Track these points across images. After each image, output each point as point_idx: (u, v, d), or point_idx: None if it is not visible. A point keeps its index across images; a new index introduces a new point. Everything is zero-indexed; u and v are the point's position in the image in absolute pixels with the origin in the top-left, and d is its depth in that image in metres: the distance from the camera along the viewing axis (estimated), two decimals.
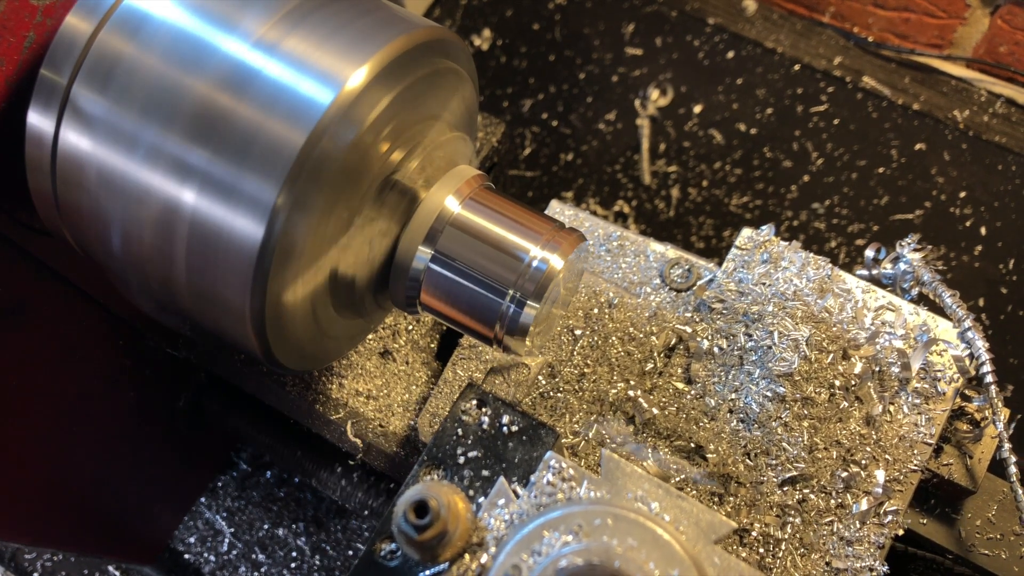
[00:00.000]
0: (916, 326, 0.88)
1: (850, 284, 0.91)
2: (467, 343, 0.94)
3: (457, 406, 0.76)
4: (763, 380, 0.86)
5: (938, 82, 1.54)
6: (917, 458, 0.84)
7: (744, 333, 0.89)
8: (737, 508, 0.84)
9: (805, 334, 0.86)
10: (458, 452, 0.75)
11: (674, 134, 1.58)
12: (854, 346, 0.87)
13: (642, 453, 0.86)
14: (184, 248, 0.72)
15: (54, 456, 1.06)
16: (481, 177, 0.82)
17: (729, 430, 0.86)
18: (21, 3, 0.76)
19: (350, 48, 0.71)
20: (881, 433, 0.85)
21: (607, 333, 0.93)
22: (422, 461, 0.75)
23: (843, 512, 0.83)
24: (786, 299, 0.89)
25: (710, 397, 0.88)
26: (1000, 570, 0.88)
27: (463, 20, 1.72)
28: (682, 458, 0.86)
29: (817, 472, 0.84)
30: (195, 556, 1.36)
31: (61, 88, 0.73)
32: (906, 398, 0.86)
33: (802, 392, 0.85)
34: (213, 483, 1.40)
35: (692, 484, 0.85)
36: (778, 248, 0.93)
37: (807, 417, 0.85)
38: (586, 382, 0.91)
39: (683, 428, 0.87)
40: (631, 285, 0.95)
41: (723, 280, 0.92)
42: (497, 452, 0.75)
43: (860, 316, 0.89)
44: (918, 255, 0.92)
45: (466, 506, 0.69)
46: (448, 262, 0.78)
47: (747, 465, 0.85)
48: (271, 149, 0.68)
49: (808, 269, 0.91)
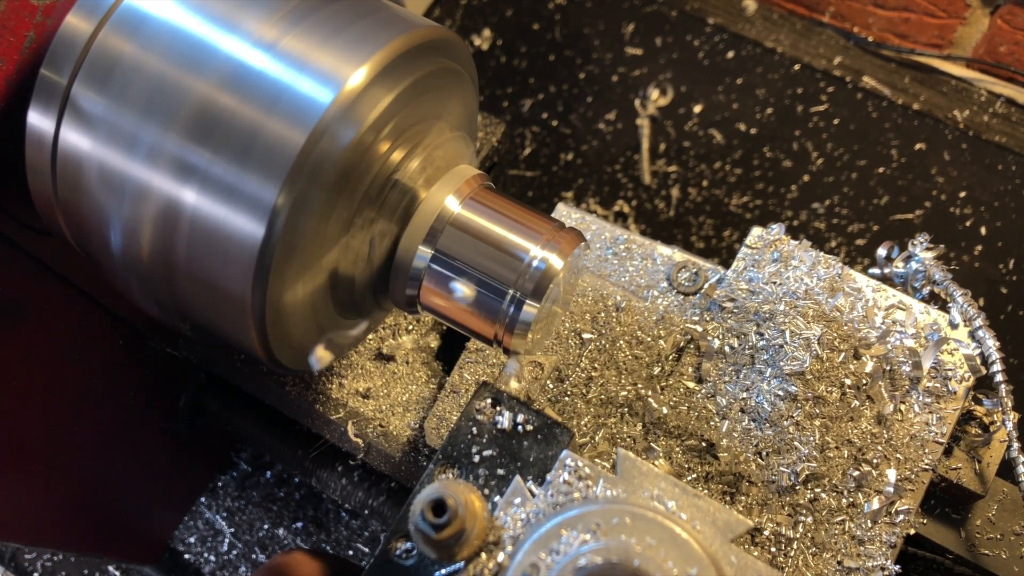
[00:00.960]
0: (927, 325, 0.88)
1: (860, 283, 0.91)
2: (474, 346, 0.94)
3: (472, 405, 0.76)
4: (774, 379, 0.86)
5: (938, 82, 1.54)
6: (928, 457, 0.84)
7: (755, 332, 0.89)
8: (749, 507, 0.84)
9: (817, 333, 0.86)
10: (473, 451, 0.75)
11: (674, 134, 1.58)
12: (865, 345, 0.87)
13: (653, 453, 0.86)
14: (184, 248, 0.72)
15: (54, 456, 1.06)
16: (481, 177, 0.82)
17: (740, 429, 0.86)
18: (21, 3, 0.76)
19: (350, 48, 0.71)
20: (892, 432, 0.85)
21: (615, 337, 0.92)
22: (437, 460, 0.75)
23: (855, 511, 0.83)
24: (797, 298, 0.89)
25: (721, 396, 0.88)
26: (1000, 570, 0.88)
27: (463, 20, 1.72)
28: (693, 457, 0.86)
29: (829, 471, 0.84)
30: (195, 556, 1.35)
31: (61, 88, 0.73)
32: (917, 397, 0.86)
33: (814, 391, 0.85)
34: (213, 483, 1.40)
35: (704, 482, 0.85)
36: (788, 247, 0.93)
37: (819, 416, 0.85)
38: (594, 386, 0.91)
39: (694, 427, 0.87)
40: (638, 288, 0.95)
41: (734, 279, 0.92)
42: (512, 451, 0.75)
43: (871, 315, 0.89)
44: (930, 254, 0.92)
45: (482, 505, 0.69)
46: (448, 262, 0.78)
47: (759, 464, 0.85)
48: (271, 149, 0.68)
49: (819, 268, 0.91)
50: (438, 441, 0.91)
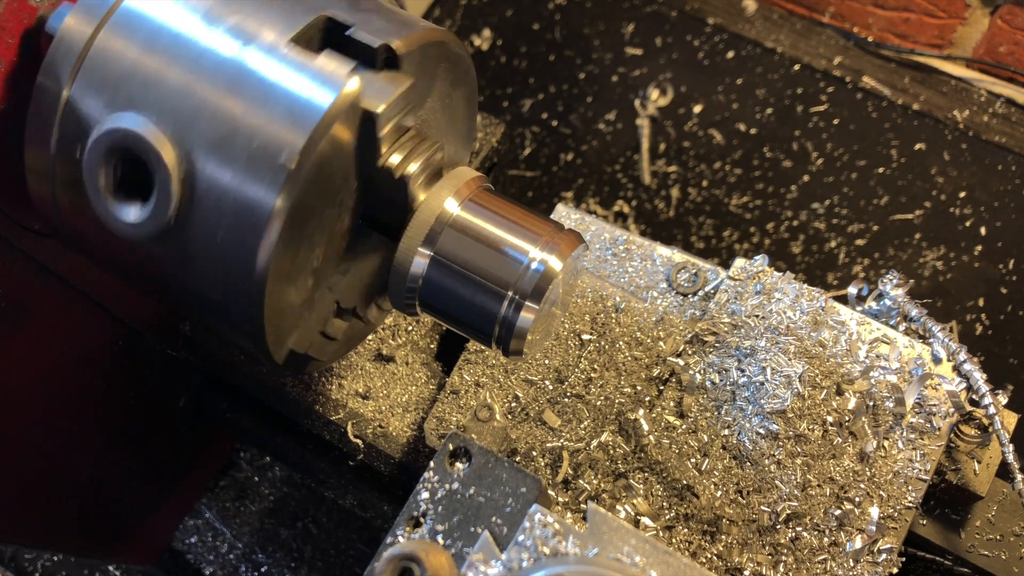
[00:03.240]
0: (911, 359, 0.87)
1: (844, 316, 0.89)
2: (473, 347, 0.94)
3: (438, 458, 0.75)
4: (756, 417, 0.84)
5: (938, 82, 1.54)
6: (911, 495, 0.83)
7: (737, 368, 0.87)
8: (729, 547, 0.83)
9: (798, 370, 0.85)
10: (440, 507, 0.74)
11: (674, 134, 1.58)
12: (848, 380, 0.86)
13: (632, 491, 0.85)
14: (185, 249, 0.72)
15: (54, 456, 1.06)
16: (480, 179, 0.82)
17: (722, 467, 0.85)
18: (20, 4, 0.76)
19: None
20: (875, 469, 0.84)
21: (614, 338, 0.92)
22: (401, 518, 0.73)
23: (836, 550, 0.82)
24: (779, 333, 0.87)
25: (702, 432, 0.86)
26: (1000, 571, 0.88)
27: (463, 20, 1.72)
28: (673, 495, 0.85)
29: (810, 510, 0.83)
30: (195, 556, 1.36)
31: (61, 89, 0.73)
32: (901, 433, 0.85)
33: (795, 429, 0.84)
34: (213, 483, 1.40)
35: (684, 522, 0.84)
36: (771, 279, 0.91)
37: (800, 455, 0.83)
38: (593, 387, 0.91)
39: (674, 464, 0.85)
40: (638, 289, 0.95)
41: (716, 312, 0.91)
42: (480, 505, 0.73)
43: (854, 349, 0.87)
44: (901, 291, 0.91)
45: (450, 564, 0.67)
46: (447, 263, 0.78)
47: (739, 503, 0.84)
48: (271, 150, 0.68)
49: (802, 301, 0.90)
50: (437, 442, 0.91)
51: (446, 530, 0.73)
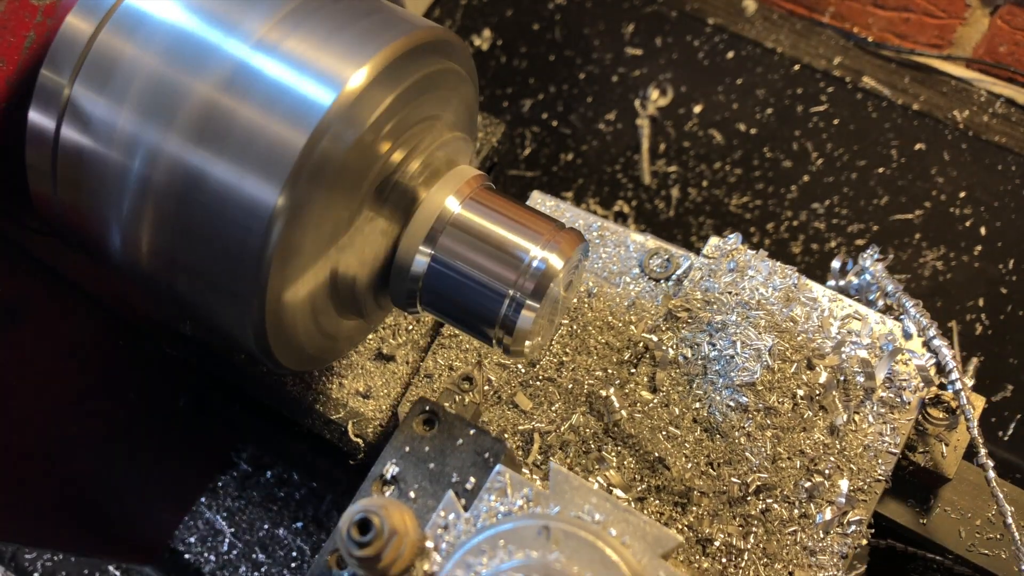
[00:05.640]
0: (882, 335, 0.88)
1: (816, 293, 0.90)
2: (448, 332, 0.94)
3: (407, 421, 0.76)
4: (726, 389, 0.85)
5: (938, 82, 1.54)
6: (881, 468, 0.84)
7: (708, 342, 0.88)
8: (700, 518, 0.84)
9: (768, 343, 0.85)
10: (407, 468, 0.74)
11: (674, 134, 1.58)
12: (819, 355, 0.87)
13: (605, 464, 0.86)
14: (185, 248, 0.72)
15: (54, 456, 1.06)
16: (481, 177, 0.82)
17: (693, 439, 0.86)
18: (21, 3, 0.76)
19: (351, 49, 0.71)
20: (845, 443, 0.85)
21: (586, 322, 0.93)
22: (371, 477, 0.74)
23: (806, 522, 0.83)
24: (750, 308, 0.88)
25: (674, 406, 0.87)
26: (1000, 570, 0.88)
27: (463, 20, 1.72)
28: (645, 468, 0.86)
29: (780, 482, 0.84)
30: (195, 556, 1.35)
31: (61, 88, 0.73)
32: (871, 408, 0.86)
33: (765, 401, 0.84)
34: (213, 483, 1.40)
35: (655, 493, 0.85)
36: (745, 257, 0.92)
37: (770, 427, 0.84)
38: (565, 371, 0.91)
39: (646, 437, 0.86)
40: (611, 275, 0.96)
41: (689, 289, 0.92)
42: (446, 466, 0.74)
43: (826, 325, 0.88)
44: (880, 266, 0.92)
45: (413, 522, 0.68)
46: (448, 262, 0.78)
47: (710, 475, 0.84)
48: (272, 149, 0.68)
49: (775, 278, 0.91)
50: None
51: (414, 490, 0.74)
